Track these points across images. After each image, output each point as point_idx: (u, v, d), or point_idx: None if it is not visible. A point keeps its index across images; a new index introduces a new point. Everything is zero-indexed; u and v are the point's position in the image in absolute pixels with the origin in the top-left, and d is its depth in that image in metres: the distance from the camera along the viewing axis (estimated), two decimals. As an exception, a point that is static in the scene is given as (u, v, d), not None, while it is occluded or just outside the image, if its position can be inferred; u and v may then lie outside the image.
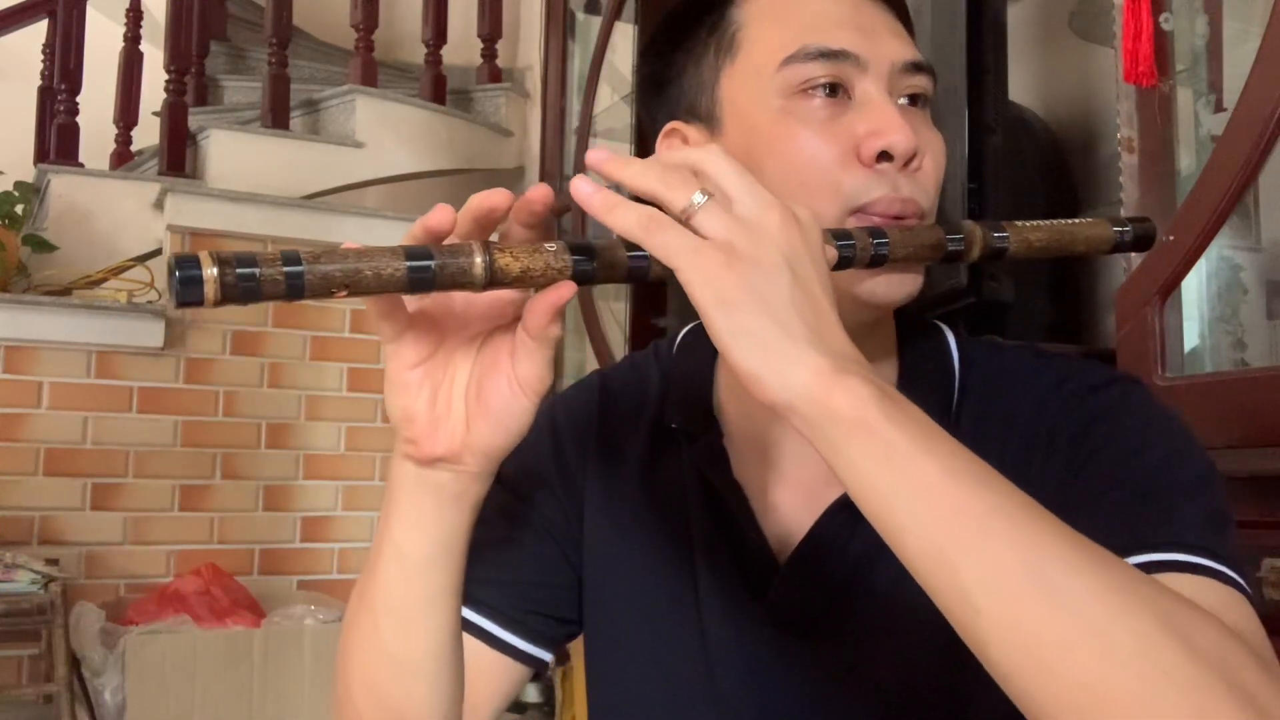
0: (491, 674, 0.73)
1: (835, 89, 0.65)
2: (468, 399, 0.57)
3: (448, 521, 0.60)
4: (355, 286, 0.50)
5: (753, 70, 0.67)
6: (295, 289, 0.49)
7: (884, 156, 0.64)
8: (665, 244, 0.51)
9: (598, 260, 0.53)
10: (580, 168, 2.75)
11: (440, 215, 0.53)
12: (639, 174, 0.52)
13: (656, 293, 2.40)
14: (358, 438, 3.18)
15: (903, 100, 0.67)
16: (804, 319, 0.50)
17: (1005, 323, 1.52)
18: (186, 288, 0.47)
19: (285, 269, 0.49)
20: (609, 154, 0.54)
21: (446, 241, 0.53)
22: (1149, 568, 0.54)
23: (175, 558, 2.95)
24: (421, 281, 0.50)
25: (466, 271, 0.51)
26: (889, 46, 0.67)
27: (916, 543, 0.47)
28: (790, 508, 0.70)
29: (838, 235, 0.59)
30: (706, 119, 0.70)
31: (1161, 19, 1.30)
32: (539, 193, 0.53)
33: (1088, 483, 0.61)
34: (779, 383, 0.49)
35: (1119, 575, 0.46)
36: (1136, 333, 1.26)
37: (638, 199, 0.52)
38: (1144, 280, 1.26)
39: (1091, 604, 0.44)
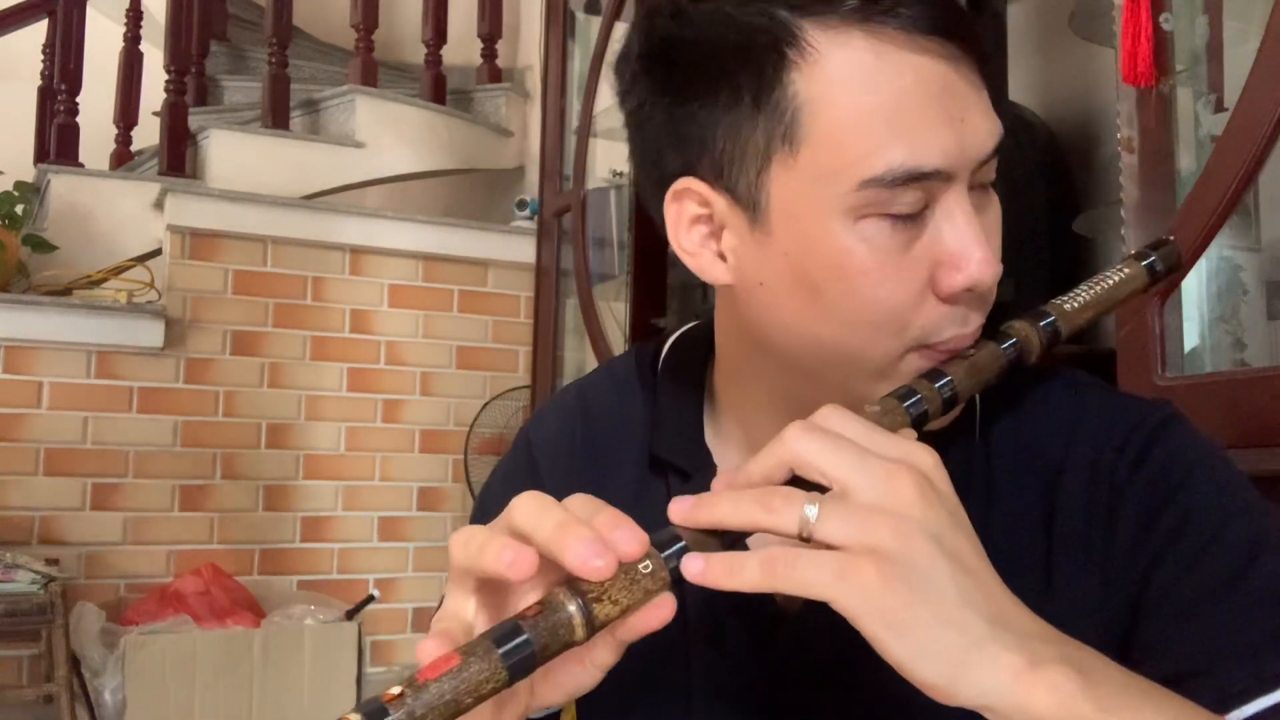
0: None
1: (917, 211, 0.56)
2: (533, 677, 0.51)
3: None
4: (458, 715, 0.44)
5: (819, 176, 0.55)
6: None
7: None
8: (803, 582, 0.46)
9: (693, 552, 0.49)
10: (580, 168, 2.75)
11: (518, 563, 0.47)
12: (733, 510, 0.48)
13: (657, 293, 2.40)
14: (358, 438, 3.18)
15: (976, 186, 0.59)
16: (979, 611, 0.46)
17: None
18: None
19: None
20: (692, 501, 0.49)
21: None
22: None
23: (175, 558, 2.95)
24: (524, 669, 0.45)
25: (567, 639, 0.46)
26: (976, 139, 0.57)
27: None
28: None
29: (903, 396, 0.55)
30: (744, 201, 0.58)
31: (1161, 19, 1.30)
32: (634, 543, 0.48)
33: (1180, 585, 0.57)
34: (973, 692, 0.46)
35: None
36: (1136, 333, 1.26)
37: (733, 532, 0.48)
38: (1144, 280, 1.25)
39: None
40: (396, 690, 0.44)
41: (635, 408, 0.73)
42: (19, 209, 3.19)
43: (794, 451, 0.49)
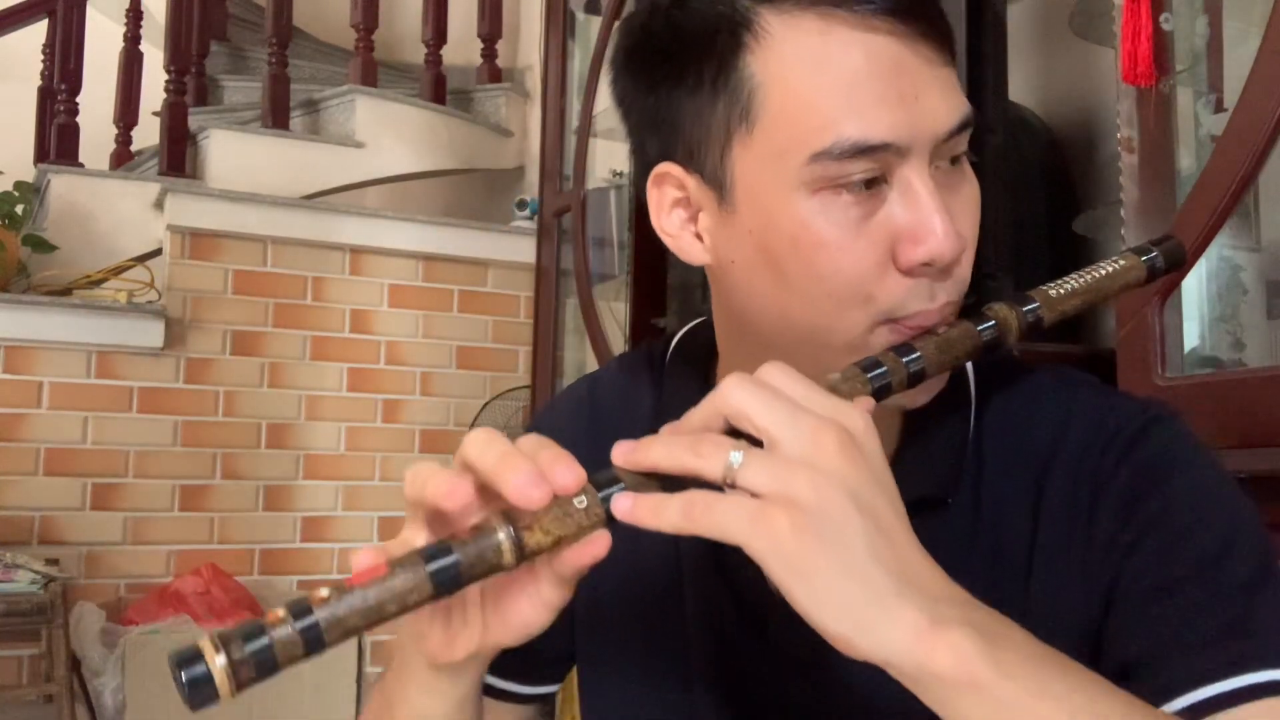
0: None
1: (871, 182, 0.57)
2: (484, 610, 0.54)
3: (465, 686, 0.59)
4: (381, 621, 0.46)
5: (774, 153, 0.57)
6: (315, 644, 0.45)
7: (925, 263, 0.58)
8: (718, 525, 0.47)
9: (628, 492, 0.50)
10: (580, 168, 2.75)
11: (454, 493, 0.48)
12: (666, 453, 0.49)
13: (657, 293, 2.40)
14: (358, 438, 3.18)
15: (943, 163, 0.59)
16: (887, 568, 0.47)
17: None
18: (197, 689, 0.43)
19: (298, 625, 0.44)
20: (630, 446, 0.50)
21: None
22: (1244, 694, 0.53)
23: (175, 558, 2.96)
24: (449, 586, 0.47)
25: (495, 562, 0.47)
26: (933, 115, 0.57)
27: None
28: None
29: (867, 366, 0.55)
30: (712, 182, 0.61)
31: (1161, 19, 1.30)
32: (569, 477, 0.49)
33: (1145, 576, 0.58)
34: (872, 644, 0.46)
35: None
36: (1136, 333, 1.26)
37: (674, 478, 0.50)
38: (1144, 280, 1.25)
39: None
40: (325, 593, 0.46)
41: (643, 399, 0.74)
42: (19, 209, 3.19)
43: (729, 402, 0.50)
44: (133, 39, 3.78)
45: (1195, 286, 1.34)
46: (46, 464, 2.85)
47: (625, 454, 0.50)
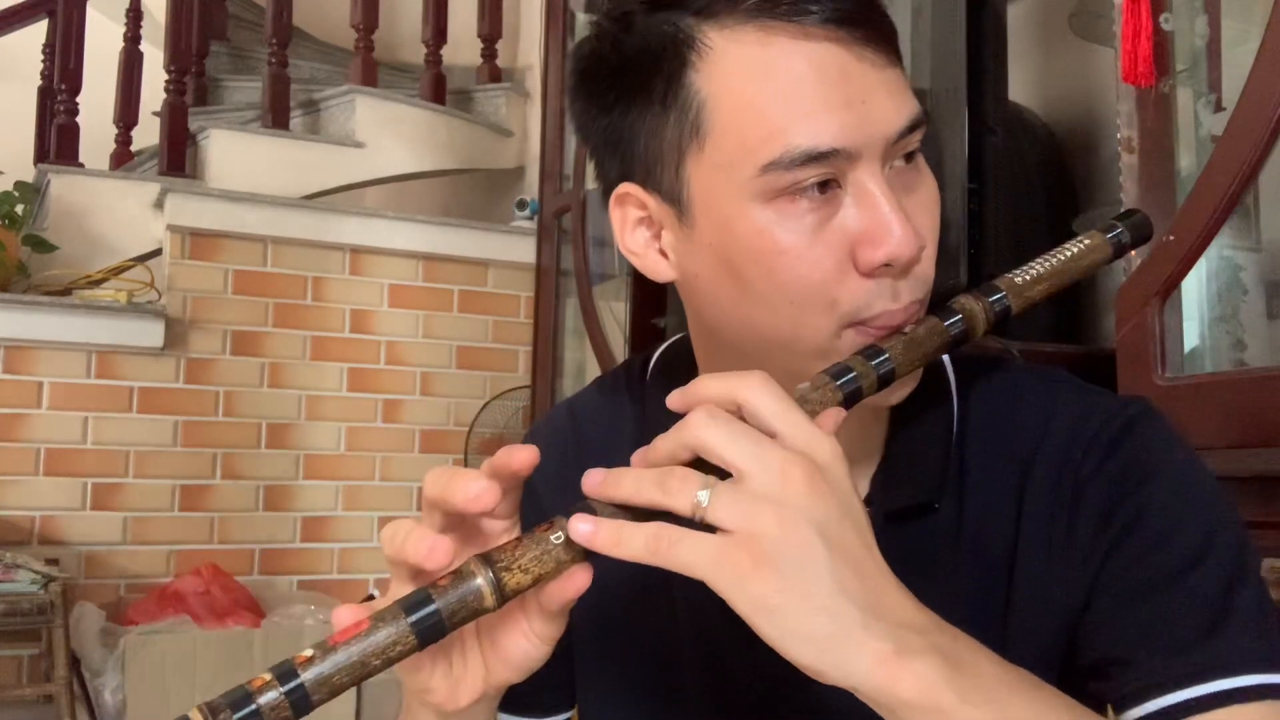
0: None
1: (825, 185, 0.57)
2: (483, 651, 0.55)
3: None
4: (368, 676, 0.46)
5: (726, 165, 0.58)
6: (302, 705, 0.45)
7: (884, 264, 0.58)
8: (684, 562, 0.48)
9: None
10: (580, 168, 2.75)
11: (434, 553, 0.49)
12: (635, 488, 0.50)
13: (657, 293, 2.39)
14: (358, 438, 3.18)
15: (897, 163, 0.59)
16: (853, 598, 0.47)
17: (1005, 323, 1.52)
18: None
19: (284, 689, 0.45)
20: (603, 475, 0.51)
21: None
22: (1219, 699, 0.53)
23: (175, 558, 2.96)
24: (433, 634, 0.47)
25: (476, 607, 0.48)
26: (882, 117, 0.57)
27: None
28: None
29: (836, 373, 0.55)
30: (670, 199, 0.61)
31: (1161, 19, 1.30)
32: (523, 458, 0.50)
33: (1124, 577, 0.59)
34: (840, 674, 0.47)
35: None
36: (1136, 333, 1.26)
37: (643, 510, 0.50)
38: (1144, 280, 1.26)
39: None
40: (308, 653, 0.46)
41: (625, 419, 0.74)
42: (19, 209, 3.18)
43: (696, 437, 0.50)
44: (133, 39, 3.78)
45: (1195, 286, 1.34)
46: (46, 464, 2.85)
47: (594, 486, 0.51)
